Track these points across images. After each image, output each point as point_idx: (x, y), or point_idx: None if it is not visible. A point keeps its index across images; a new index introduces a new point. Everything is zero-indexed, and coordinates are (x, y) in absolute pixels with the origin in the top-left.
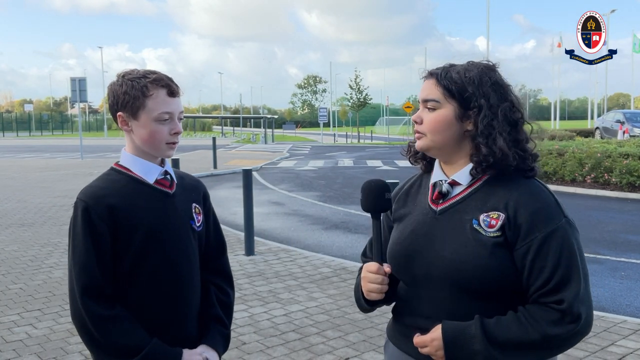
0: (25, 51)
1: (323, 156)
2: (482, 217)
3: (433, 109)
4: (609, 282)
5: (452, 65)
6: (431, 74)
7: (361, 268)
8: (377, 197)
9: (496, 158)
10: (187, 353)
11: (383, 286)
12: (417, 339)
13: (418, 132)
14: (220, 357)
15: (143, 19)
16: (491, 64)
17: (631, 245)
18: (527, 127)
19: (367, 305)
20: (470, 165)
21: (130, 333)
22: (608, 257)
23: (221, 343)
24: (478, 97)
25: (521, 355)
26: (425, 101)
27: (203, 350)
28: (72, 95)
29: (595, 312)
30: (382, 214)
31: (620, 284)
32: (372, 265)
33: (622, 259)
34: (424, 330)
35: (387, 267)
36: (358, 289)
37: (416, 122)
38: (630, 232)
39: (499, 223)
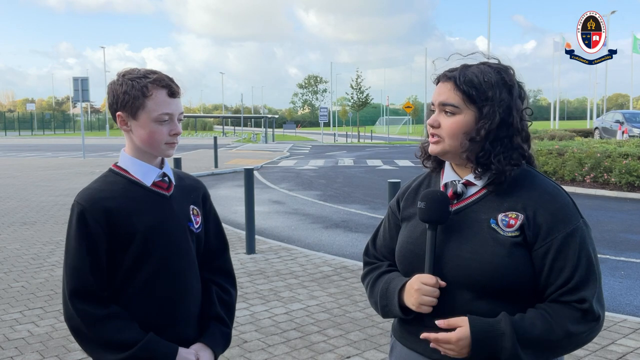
0: (23, 50)
1: (323, 155)
2: (500, 216)
3: (452, 114)
4: (609, 281)
5: (465, 67)
6: (448, 77)
7: (382, 273)
8: (441, 208)
9: (506, 170)
10: (182, 350)
11: (435, 299)
12: (441, 335)
13: (435, 136)
14: (217, 356)
15: (141, 18)
16: (506, 66)
17: (630, 244)
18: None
19: (402, 314)
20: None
21: (125, 329)
22: (608, 257)
23: (220, 342)
24: (497, 104)
25: (542, 351)
26: (444, 105)
27: (198, 348)
28: (74, 94)
29: None
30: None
31: (620, 283)
32: (429, 278)
33: (622, 258)
34: (437, 330)
35: (441, 281)
36: (387, 296)
37: (432, 126)
38: (630, 232)
39: (518, 223)
